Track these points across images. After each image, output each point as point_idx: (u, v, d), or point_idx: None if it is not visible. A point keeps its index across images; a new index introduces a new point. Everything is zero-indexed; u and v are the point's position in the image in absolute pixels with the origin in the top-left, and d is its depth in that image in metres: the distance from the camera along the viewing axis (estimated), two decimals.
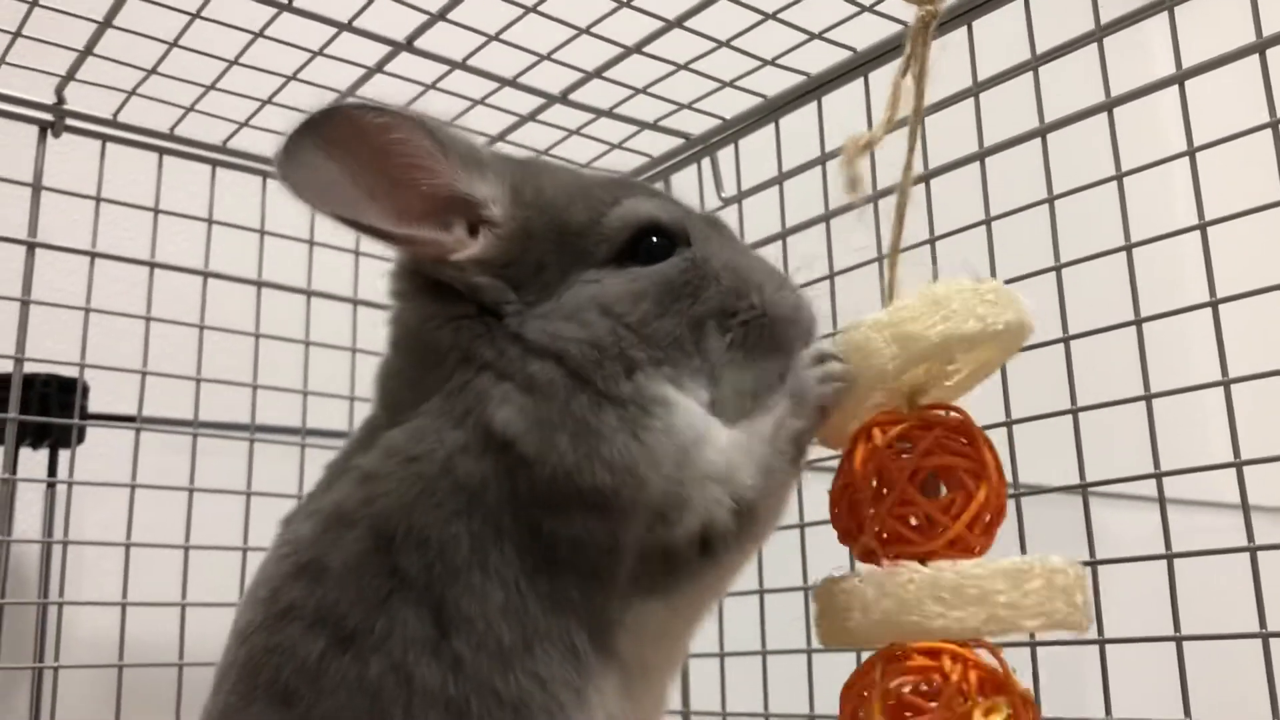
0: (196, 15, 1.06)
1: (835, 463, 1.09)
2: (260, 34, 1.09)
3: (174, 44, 1.10)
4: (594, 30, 1.10)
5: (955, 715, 0.64)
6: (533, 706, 0.63)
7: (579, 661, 0.65)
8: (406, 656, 0.63)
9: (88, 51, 1.10)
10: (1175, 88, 0.91)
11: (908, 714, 0.67)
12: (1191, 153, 0.89)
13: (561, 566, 0.65)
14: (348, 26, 1.07)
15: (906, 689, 0.67)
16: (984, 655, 0.67)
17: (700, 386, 0.71)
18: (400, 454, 0.67)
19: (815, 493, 1.15)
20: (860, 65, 1.14)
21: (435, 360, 0.70)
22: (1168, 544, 0.88)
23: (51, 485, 1.29)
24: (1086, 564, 0.91)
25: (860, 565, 0.74)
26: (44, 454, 1.29)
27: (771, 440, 0.71)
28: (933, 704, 0.66)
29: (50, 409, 1.23)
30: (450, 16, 1.06)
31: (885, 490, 0.70)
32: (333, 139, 0.68)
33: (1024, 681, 0.69)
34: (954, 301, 0.68)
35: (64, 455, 1.28)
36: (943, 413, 0.72)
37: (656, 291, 0.71)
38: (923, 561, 0.68)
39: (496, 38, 1.11)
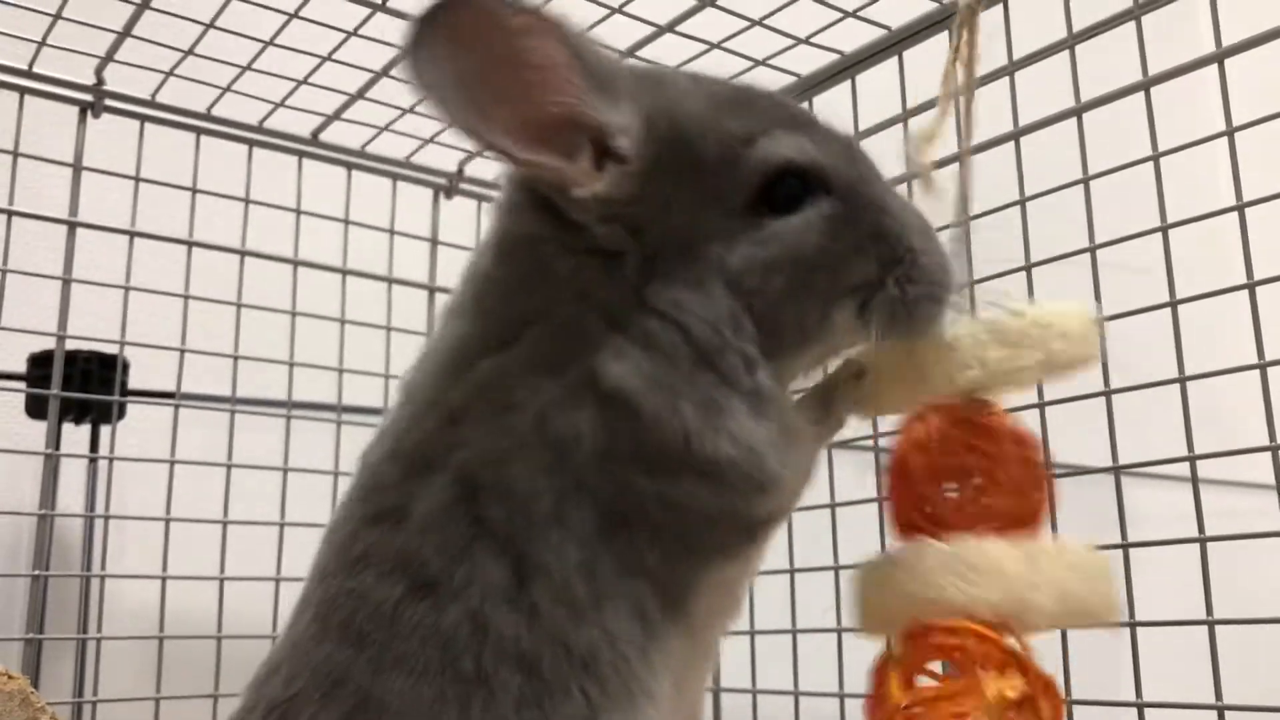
0: None
1: (868, 443, 1.11)
2: (295, 15, 1.10)
3: (210, 25, 1.11)
4: (625, 10, 1.10)
5: (968, 685, 0.65)
6: (601, 660, 0.62)
7: (646, 625, 0.64)
8: (484, 605, 0.61)
9: (126, 33, 1.11)
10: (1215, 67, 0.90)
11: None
12: (1231, 133, 0.88)
13: (643, 529, 0.63)
14: (382, 7, 1.08)
15: (927, 664, 0.68)
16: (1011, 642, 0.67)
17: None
18: (491, 397, 0.64)
19: (845, 473, 1.16)
20: (895, 44, 1.13)
21: (547, 285, 0.66)
22: (1200, 528, 0.87)
23: (94, 461, 1.31)
24: (1117, 547, 0.91)
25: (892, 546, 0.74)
26: (87, 430, 1.31)
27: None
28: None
29: (92, 385, 1.25)
30: None
31: (906, 483, 0.71)
32: (465, 31, 0.61)
33: (1051, 666, 0.69)
34: (1067, 323, 0.68)
35: (106, 431, 1.30)
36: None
37: (791, 262, 0.66)
38: None
39: None
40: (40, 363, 1.24)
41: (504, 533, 0.62)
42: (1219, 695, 0.84)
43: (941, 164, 0.82)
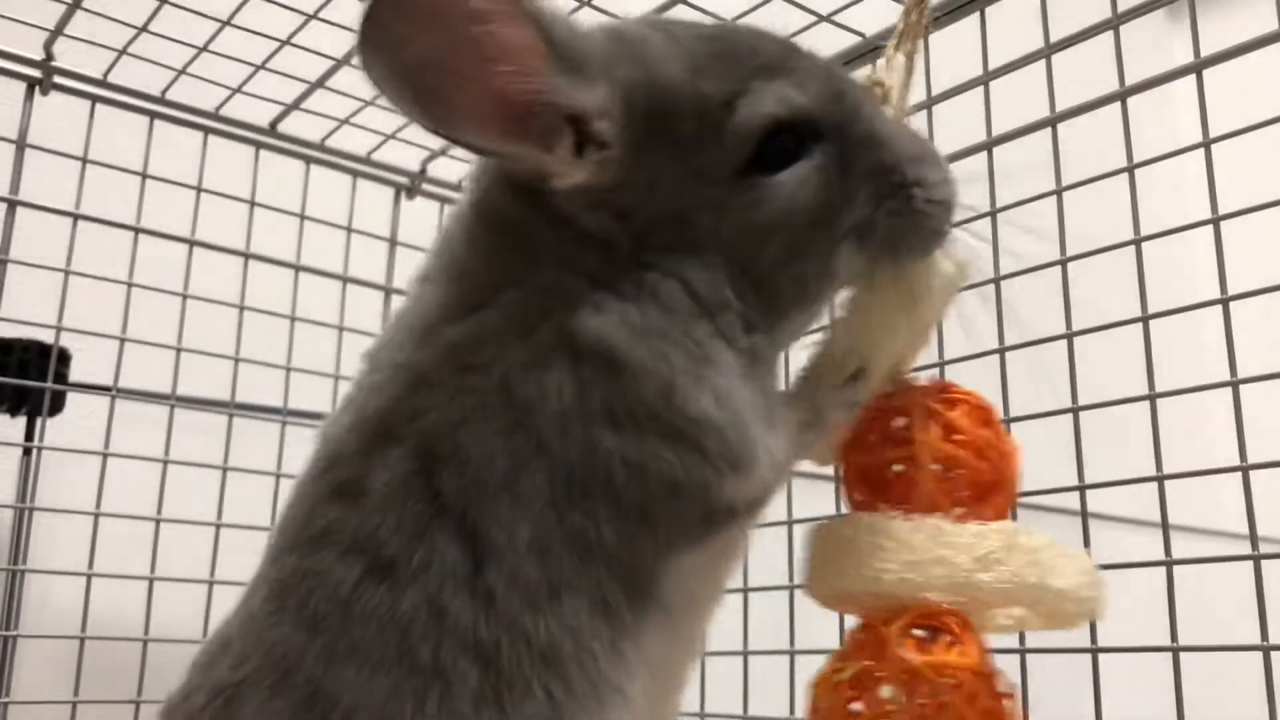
0: None
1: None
2: None
3: (164, 1, 1.07)
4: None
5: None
6: (563, 655, 0.58)
7: (611, 619, 0.59)
8: (442, 590, 0.57)
9: (75, 5, 1.07)
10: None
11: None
12: (1207, 144, 0.85)
13: (602, 499, 0.59)
14: None
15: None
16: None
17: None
18: (458, 359, 0.60)
19: (802, 493, 1.12)
20: None
21: (528, 254, 0.63)
22: (1167, 550, 0.84)
23: (28, 454, 1.26)
24: None
25: None
26: (23, 422, 1.26)
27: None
28: None
29: (30, 375, 1.20)
30: None
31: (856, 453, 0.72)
32: (420, 16, 0.56)
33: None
34: None
35: (47, 425, 1.25)
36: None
37: (785, 223, 0.63)
38: None
39: None
40: None
41: (459, 506, 0.58)
42: None
43: None
